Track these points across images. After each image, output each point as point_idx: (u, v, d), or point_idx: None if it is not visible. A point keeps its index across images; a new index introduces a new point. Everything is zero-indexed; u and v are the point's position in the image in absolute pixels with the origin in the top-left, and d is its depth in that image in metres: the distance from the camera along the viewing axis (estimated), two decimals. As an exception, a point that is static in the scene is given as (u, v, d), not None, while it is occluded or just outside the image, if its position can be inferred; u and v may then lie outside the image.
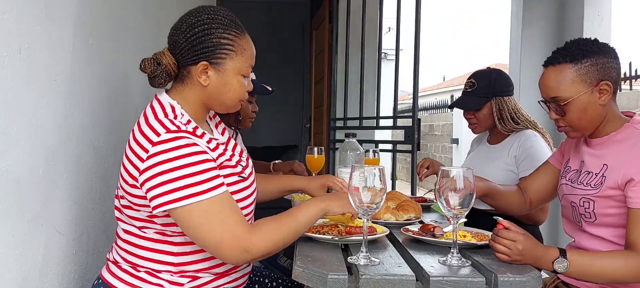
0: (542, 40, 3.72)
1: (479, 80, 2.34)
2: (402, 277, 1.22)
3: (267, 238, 1.30)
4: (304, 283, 1.26)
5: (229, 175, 1.37)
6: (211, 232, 1.25)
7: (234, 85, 1.38)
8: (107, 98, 1.73)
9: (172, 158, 1.23)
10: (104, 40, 1.68)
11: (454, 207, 1.32)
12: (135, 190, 1.29)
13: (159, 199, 1.24)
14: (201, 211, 1.24)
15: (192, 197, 1.23)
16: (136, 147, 1.28)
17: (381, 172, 1.32)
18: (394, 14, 3.64)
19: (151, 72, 1.36)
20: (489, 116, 2.32)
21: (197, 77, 1.35)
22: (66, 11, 1.43)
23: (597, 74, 1.53)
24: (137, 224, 1.35)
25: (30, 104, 1.27)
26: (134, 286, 1.35)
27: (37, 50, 1.28)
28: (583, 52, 1.55)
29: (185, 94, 1.38)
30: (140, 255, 1.36)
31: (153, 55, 1.37)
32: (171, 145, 1.24)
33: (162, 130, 1.27)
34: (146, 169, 1.24)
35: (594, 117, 1.56)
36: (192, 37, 1.34)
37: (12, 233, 1.22)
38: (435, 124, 12.03)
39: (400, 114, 4.59)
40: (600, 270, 1.45)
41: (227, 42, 1.35)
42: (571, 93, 1.54)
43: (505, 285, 1.22)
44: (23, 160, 1.25)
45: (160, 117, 1.31)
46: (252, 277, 1.68)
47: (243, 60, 1.38)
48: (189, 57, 1.35)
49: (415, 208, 1.89)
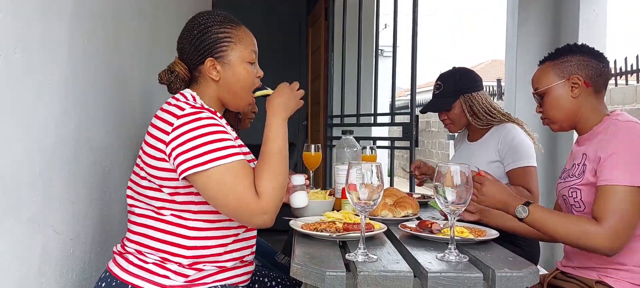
0: (538, 37, 3.72)
1: (445, 81, 2.40)
2: (400, 273, 1.23)
3: (273, 193, 1.37)
4: (302, 280, 1.27)
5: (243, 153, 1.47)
6: (226, 199, 1.34)
7: (242, 74, 1.49)
8: (104, 97, 1.73)
9: (196, 128, 1.33)
10: (100, 40, 1.68)
11: (451, 203, 1.33)
12: (163, 164, 1.37)
13: (183, 165, 1.33)
14: (218, 177, 1.33)
15: (211, 162, 1.32)
16: (161, 124, 1.37)
17: (378, 169, 1.32)
18: (390, 11, 3.64)
19: (167, 80, 1.50)
20: (461, 114, 2.36)
21: (208, 74, 1.47)
22: (62, 10, 1.42)
23: (570, 69, 1.66)
24: (157, 205, 1.41)
25: (27, 103, 1.27)
26: (141, 277, 1.39)
27: (34, 49, 1.28)
28: (563, 51, 1.71)
29: (201, 90, 1.50)
30: (151, 244, 1.41)
31: (167, 66, 1.51)
32: (194, 117, 1.35)
33: (187, 106, 1.38)
34: (173, 139, 1.34)
35: (567, 109, 1.67)
36: (193, 40, 1.47)
37: (9, 233, 1.22)
38: (432, 120, 12.03)
39: (398, 111, 4.59)
40: (554, 227, 1.54)
41: (225, 35, 1.47)
42: (546, 83, 1.70)
43: (502, 280, 1.23)
44: (20, 159, 1.25)
45: (182, 100, 1.42)
46: (252, 277, 1.68)
47: (244, 47, 1.49)
48: (195, 58, 1.48)
49: (413, 205, 1.89)
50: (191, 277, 1.40)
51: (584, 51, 1.69)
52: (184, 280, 1.39)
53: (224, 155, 1.33)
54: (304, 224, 1.59)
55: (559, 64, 1.68)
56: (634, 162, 1.50)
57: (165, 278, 1.38)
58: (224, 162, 1.33)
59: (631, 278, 1.57)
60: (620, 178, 1.49)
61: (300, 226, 1.57)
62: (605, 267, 1.60)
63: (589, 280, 1.61)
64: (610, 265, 1.59)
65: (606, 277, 1.59)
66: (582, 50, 1.69)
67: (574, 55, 1.68)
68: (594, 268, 1.62)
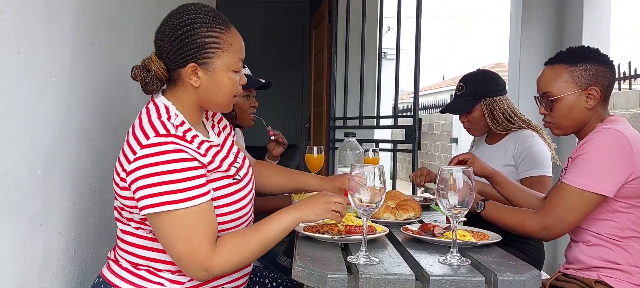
0: (542, 40, 3.71)
1: (468, 83, 2.37)
2: (402, 276, 1.22)
3: (228, 260, 1.27)
4: (303, 282, 1.26)
5: (221, 178, 1.36)
6: (173, 245, 1.25)
7: (225, 83, 1.36)
8: (106, 97, 1.73)
9: (155, 163, 1.22)
10: (103, 40, 1.68)
11: (453, 206, 1.32)
12: (125, 192, 1.29)
13: (141, 202, 1.24)
14: (170, 222, 1.23)
15: (165, 204, 1.22)
16: (127, 149, 1.28)
17: (380, 171, 1.32)
18: (394, 13, 3.64)
19: (142, 80, 1.35)
20: (481, 117, 2.34)
21: (188, 79, 1.34)
22: (65, 11, 1.43)
23: (589, 79, 1.64)
24: (133, 225, 1.36)
25: (29, 103, 1.27)
26: (135, 284, 1.35)
27: (36, 50, 1.28)
28: (580, 57, 1.66)
29: (178, 95, 1.38)
30: (139, 254, 1.36)
31: (142, 63, 1.36)
32: (156, 149, 1.23)
33: (152, 133, 1.26)
34: (132, 171, 1.24)
35: (577, 118, 1.67)
36: (176, 40, 1.32)
37: (11, 233, 1.22)
38: (435, 123, 12.03)
39: (401, 114, 4.59)
40: (500, 218, 1.74)
41: (213, 40, 1.33)
42: (561, 91, 1.66)
43: (504, 284, 1.22)
44: (22, 160, 1.25)
45: (153, 119, 1.30)
46: (252, 278, 1.68)
47: (231, 56, 1.35)
48: (176, 60, 1.33)
49: (415, 208, 1.89)
50: (187, 285, 1.36)
51: (600, 60, 1.66)
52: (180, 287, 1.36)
53: (184, 198, 1.22)
54: (306, 226, 1.59)
55: (576, 71, 1.65)
56: (595, 168, 1.54)
57: (160, 285, 1.35)
58: (181, 207, 1.22)
59: (630, 278, 1.60)
60: (575, 180, 1.56)
61: (302, 228, 1.57)
62: (604, 268, 1.62)
63: (589, 280, 1.63)
64: (610, 265, 1.61)
65: (606, 277, 1.61)
66: (599, 59, 1.66)
67: (592, 63, 1.64)
68: (594, 268, 1.64)
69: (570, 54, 1.69)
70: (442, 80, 18.26)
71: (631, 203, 1.58)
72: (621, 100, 4.14)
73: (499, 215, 1.74)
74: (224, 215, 1.35)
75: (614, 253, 1.61)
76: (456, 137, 10.75)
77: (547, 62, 1.73)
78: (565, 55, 1.69)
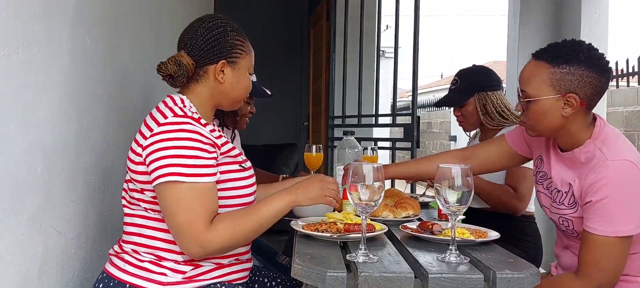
0: (540, 38, 3.72)
1: (462, 77, 2.39)
2: (401, 274, 1.23)
3: (222, 237, 1.34)
4: (303, 281, 1.26)
5: (231, 163, 1.46)
6: (173, 216, 1.33)
7: (245, 81, 1.53)
8: (105, 97, 1.73)
9: (172, 138, 1.33)
10: (101, 39, 1.68)
11: (452, 204, 1.33)
12: (140, 167, 1.38)
13: (154, 173, 1.34)
14: (176, 193, 1.32)
15: (174, 175, 1.31)
16: (144, 129, 1.39)
17: (379, 170, 1.32)
18: (392, 12, 3.64)
19: (174, 73, 1.44)
20: (474, 112, 2.34)
21: (215, 75, 1.47)
22: (63, 10, 1.43)
23: (569, 84, 1.46)
24: (142, 206, 1.43)
25: (28, 103, 1.27)
26: (138, 276, 1.40)
27: (35, 49, 1.28)
28: (566, 57, 1.48)
29: (197, 90, 1.49)
30: (144, 243, 1.42)
31: (173, 57, 1.45)
32: (174, 127, 1.35)
33: (170, 114, 1.38)
34: (149, 145, 1.35)
35: (552, 124, 1.52)
36: (211, 39, 1.47)
37: (10, 232, 1.22)
38: (433, 121, 12.04)
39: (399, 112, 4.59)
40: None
41: (240, 43, 1.51)
42: (537, 93, 1.50)
43: (503, 281, 1.23)
44: (21, 159, 1.25)
45: (170, 105, 1.43)
46: (251, 277, 1.68)
47: (250, 59, 1.55)
48: (208, 57, 1.47)
49: (414, 206, 1.89)
50: (188, 274, 1.41)
51: (589, 63, 1.46)
52: (181, 277, 1.40)
53: (190, 174, 1.32)
54: (305, 225, 1.59)
55: (557, 73, 1.47)
56: (621, 211, 1.45)
57: (162, 276, 1.39)
58: (188, 180, 1.31)
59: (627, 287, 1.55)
60: (610, 230, 1.45)
61: (302, 227, 1.57)
62: None
63: None
64: None
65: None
66: (588, 62, 1.47)
67: (577, 66, 1.46)
68: None
69: (556, 51, 1.50)
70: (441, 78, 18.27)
71: None
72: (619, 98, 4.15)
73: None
74: (231, 198, 1.44)
75: None
76: (454, 135, 10.76)
77: (534, 54, 1.56)
78: (550, 52, 1.51)
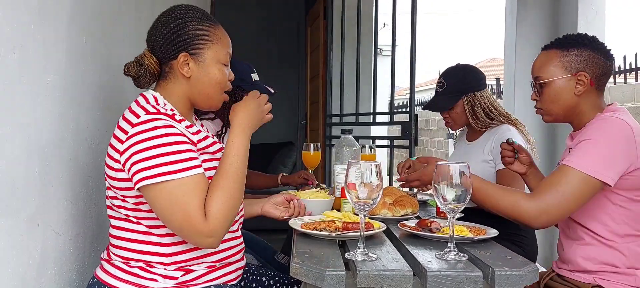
0: (537, 35, 3.72)
1: (448, 79, 2.36)
2: (400, 272, 1.23)
3: (222, 215, 1.29)
4: (302, 279, 1.26)
5: (209, 160, 1.41)
6: (171, 217, 1.29)
7: (215, 74, 1.43)
8: (102, 97, 1.73)
9: (147, 138, 1.28)
10: (98, 39, 1.68)
11: (450, 202, 1.33)
12: (120, 174, 1.33)
13: (135, 176, 1.28)
14: (167, 192, 1.27)
15: (162, 175, 1.26)
16: (118, 133, 1.33)
17: (377, 168, 1.32)
18: (389, 10, 3.64)
19: (135, 73, 1.41)
20: (462, 114, 2.33)
21: (179, 69, 1.40)
22: (60, 10, 1.42)
23: (579, 64, 1.61)
24: (124, 213, 1.38)
25: (25, 103, 1.27)
26: (128, 282, 1.36)
27: (31, 49, 1.28)
28: (573, 43, 1.64)
29: (169, 88, 1.43)
30: (132, 248, 1.37)
31: (135, 58, 1.42)
32: (148, 126, 1.29)
33: (142, 112, 1.32)
34: (126, 149, 1.29)
35: (566, 104, 1.64)
36: (168, 33, 1.40)
37: (8, 233, 1.22)
38: (431, 119, 12.04)
39: (397, 110, 4.59)
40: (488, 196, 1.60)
41: (203, 33, 1.41)
42: (550, 75, 1.64)
43: (502, 279, 1.23)
44: (18, 160, 1.24)
45: (142, 104, 1.37)
46: (249, 276, 1.68)
47: (220, 48, 1.43)
48: (169, 52, 1.40)
49: (412, 204, 1.89)
50: (180, 279, 1.37)
51: (594, 46, 1.63)
52: (174, 282, 1.36)
53: (177, 169, 1.26)
54: (304, 223, 1.59)
55: (567, 56, 1.62)
56: (600, 154, 1.50)
57: (153, 282, 1.35)
58: (177, 177, 1.26)
59: (627, 280, 1.55)
60: (580, 163, 1.51)
61: (300, 225, 1.57)
62: (601, 271, 1.58)
63: (585, 284, 1.59)
64: (607, 268, 1.57)
65: (602, 280, 1.57)
66: (593, 45, 1.63)
67: (584, 49, 1.62)
68: (589, 271, 1.60)
69: (565, 39, 1.67)
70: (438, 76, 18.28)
71: (629, 196, 1.54)
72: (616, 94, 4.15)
73: (486, 195, 1.60)
74: None
75: (611, 255, 1.57)
76: (452, 133, 10.77)
77: (543, 47, 1.72)
78: (559, 41, 1.68)
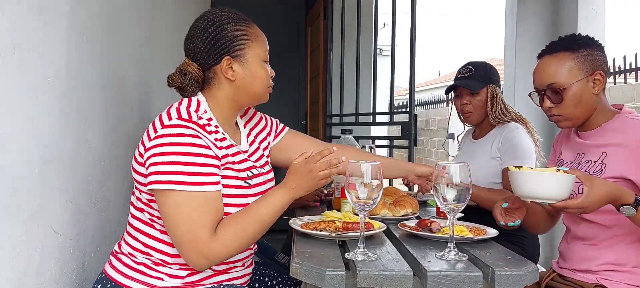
0: (537, 35, 3.72)
1: (477, 67, 2.41)
2: (400, 272, 1.23)
3: (227, 246, 1.31)
4: (302, 279, 1.27)
5: (232, 177, 1.40)
6: (175, 227, 1.30)
7: (259, 72, 1.44)
8: (102, 97, 1.72)
9: (171, 144, 1.29)
10: (98, 40, 1.67)
11: (450, 202, 1.33)
12: (141, 168, 1.35)
13: (150, 177, 1.30)
14: (175, 202, 1.28)
15: (173, 184, 1.27)
16: (150, 128, 1.36)
17: (378, 168, 1.32)
18: (389, 10, 3.64)
19: (180, 83, 1.41)
20: (483, 103, 2.36)
21: (224, 74, 1.41)
22: (60, 10, 1.42)
23: (593, 64, 1.59)
24: (138, 206, 1.41)
25: (25, 103, 1.27)
26: (134, 279, 1.38)
27: (31, 50, 1.28)
28: (579, 43, 1.61)
29: (214, 93, 1.44)
30: (143, 248, 1.39)
31: (177, 68, 1.42)
32: (175, 131, 1.30)
33: (175, 115, 1.34)
34: (150, 148, 1.31)
35: (587, 105, 1.60)
36: (208, 39, 1.40)
37: (8, 233, 1.22)
38: (431, 119, 12.04)
39: (397, 110, 4.59)
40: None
41: (241, 33, 1.42)
42: (569, 79, 1.58)
43: (502, 279, 1.23)
44: (18, 160, 1.24)
45: (181, 107, 1.39)
46: (252, 276, 1.68)
47: (259, 46, 1.45)
48: (211, 58, 1.41)
49: (412, 204, 1.89)
50: (187, 279, 1.38)
51: (596, 44, 1.62)
52: (180, 282, 1.38)
53: (190, 182, 1.27)
54: (304, 223, 1.59)
55: (579, 57, 1.58)
56: None
57: (159, 280, 1.37)
58: (188, 189, 1.27)
59: (630, 279, 1.53)
60: None
61: (300, 225, 1.57)
62: (604, 270, 1.56)
63: (588, 284, 1.58)
64: (609, 267, 1.56)
65: (605, 279, 1.55)
66: (594, 44, 1.62)
67: (591, 47, 1.60)
68: (591, 271, 1.58)
69: (570, 40, 1.63)
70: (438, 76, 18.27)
71: None
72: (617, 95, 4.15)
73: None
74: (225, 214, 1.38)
75: (616, 253, 1.54)
76: (452, 133, 10.76)
77: (543, 52, 1.66)
78: (565, 43, 1.63)
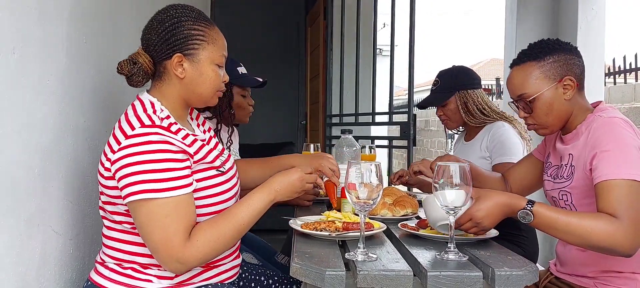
0: (537, 35, 3.72)
1: (442, 78, 2.44)
2: (400, 272, 1.23)
3: (201, 251, 1.29)
4: (302, 280, 1.26)
5: (206, 169, 1.39)
6: (150, 235, 1.27)
7: (209, 75, 1.41)
8: (101, 97, 1.73)
9: (139, 153, 1.26)
10: (98, 39, 1.68)
11: (450, 202, 1.33)
12: (110, 182, 1.32)
13: (124, 191, 1.27)
14: (148, 210, 1.26)
15: (144, 193, 1.24)
16: (112, 140, 1.31)
17: (377, 168, 1.32)
18: (389, 10, 3.64)
19: (128, 72, 1.38)
20: (456, 111, 2.39)
21: (173, 70, 1.38)
22: (60, 10, 1.42)
23: (560, 70, 1.57)
24: (117, 219, 1.37)
25: (25, 103, 1.27)
26: (123, 284, 1.35)
27: (31, 49, 1.28)
28: (545, 50, 1.59)
29: (163, 90, 1.41)
30: (125, 250, 1.37)
31: (129, 56, 1.40)
32: (141, 140, 1.27)
33: (138, 124, 1.30)
34: (116, 160, 1.28)
35: (560, 112, 1.59)
36: (163, 32, 1.37)
37: (8, 233, 1.22)
38: (431, 119, 12.04)
39: (396, 110, 4.60)
40: (566, 226, 1.39)
41: (198, 33, 1.39)
42: (536, 89, 1.58)
43: (502, 279, 1.23)
44: (18, 160, 1.24)
45: (139, 112, 1.34)
46: (248, 276, 1.68)
47: (215, 50, 1.41)
48: (163, 52, 1.38)
49: (412, 204, 1.89)
50: (176, 279, 1.37)
51: (565, 48, 1.60)
52: (169, 282, 1.36)
53: (161, 189, 1.24)
54: (304, 224, 1.59)
55: (546, 65, 1.57)
56: (627, 159, 1.43)
57: (148, 282, 1.35)
58: (160, 196, 1.24)
59: (627, 284, 1.53)
60: (620, 172, 1.40)
61: (300, 226, 1.57)
62: (602, 275, 1.55)
63: None
64: (607, 272, 1.55)
65: (603, 284, 1.55)
66: (564, 48, 1.60)
67: (559, 53, 1.58)
68: (588, 276, 1.58)
69: (535, 49, 1.61)
70: (438, 76, 18.25)
71: None
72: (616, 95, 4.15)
73: (557, 224, 1.41)
74: (209, 205, 1.38)
75: (613, 259, 1.50)
76: (452, 133, 10.76)
77: (513, 63, 1.65)
78: (529, 52, 1.61)
